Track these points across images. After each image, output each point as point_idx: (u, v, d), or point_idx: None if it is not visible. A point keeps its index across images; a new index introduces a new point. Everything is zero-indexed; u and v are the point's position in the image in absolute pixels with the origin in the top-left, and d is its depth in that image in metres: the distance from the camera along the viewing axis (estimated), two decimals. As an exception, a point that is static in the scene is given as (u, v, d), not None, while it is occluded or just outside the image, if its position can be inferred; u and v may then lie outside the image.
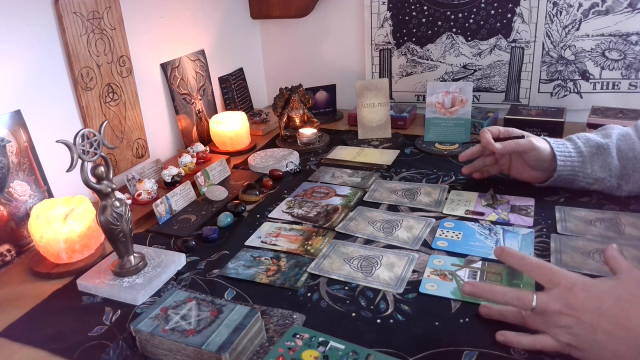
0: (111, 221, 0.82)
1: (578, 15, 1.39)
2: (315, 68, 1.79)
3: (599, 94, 1.45)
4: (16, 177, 0.97)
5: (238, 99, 1.71)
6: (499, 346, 0.67)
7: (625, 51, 1.38)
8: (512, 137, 1.05)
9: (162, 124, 1.40)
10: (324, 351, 0.66)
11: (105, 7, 1.15)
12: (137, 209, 1.09)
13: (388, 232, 0.96)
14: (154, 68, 1.35)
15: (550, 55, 1.46)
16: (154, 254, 0.92)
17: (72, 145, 0.77)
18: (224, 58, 1.65)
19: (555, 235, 0.92)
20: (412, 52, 1.62)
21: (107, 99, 1.19)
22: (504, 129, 1.08)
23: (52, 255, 0.91)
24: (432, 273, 0.83)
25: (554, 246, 0.88)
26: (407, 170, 1.25)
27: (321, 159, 1.36)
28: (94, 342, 0.74)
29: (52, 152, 0.98)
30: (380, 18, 1.62)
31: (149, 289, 0.83)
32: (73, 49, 1.09)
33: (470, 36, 1.53)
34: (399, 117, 1.53)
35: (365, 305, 0.77)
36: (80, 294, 0.85)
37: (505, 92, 1.55)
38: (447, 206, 1.05)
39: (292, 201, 1.12)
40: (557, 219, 0.97)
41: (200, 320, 0.69)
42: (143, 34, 1.30)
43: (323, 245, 0.94)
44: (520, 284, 0.79)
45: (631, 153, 0.98)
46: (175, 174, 1.19)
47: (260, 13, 1.75)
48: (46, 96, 1.07)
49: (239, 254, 0.93)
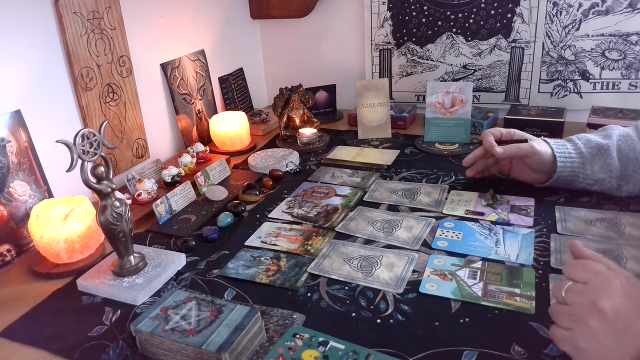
0: (111, 221, 0.82)
1: (578, 15, 1.39)
2: (315, 68, 1.79)
3: (599, 94, 1.45)
4: (16, 177, 0.97)
5: (238, 99, 1.71)
6: (499, 346, 0.67)
7: (625, 51, 1.38)
8: (514, 140, 1.05)
9: (162, 124, 1.40)
10: (324, 351, 0.66)
11: (105, 7, 1.15)
12: (137, 209, 1.09)
13: (388, 232, 0.96)
14: (154, 68, 1.35)
15: (550, 55, 1.46)
16: (154, 254, 0.92)
17: (72, 145, 0.77)
18: (224, 58, 1.65)
19: (555, 235, 0.92)
20: (412, 52, 1.62)
21: (107, 99, 1.19)
22: (506, 131, 1.08)
23: (52, 255, 0.91)
24: (432, 273, 0.83)
25: (553, 246, 0.88)
26: (407, 170, 1.25)
27: (321, 159, 1.36)
28: (94, 342, 0.74)
29: (52, 152, 0.98)
30: (380, 18, 1.62)
31: (149, 289, 0.83)
32: (73, 49, 1.09)
33: (470, 36, 1.53)
34: (399, 117, 1.53)
35: (365, 305, 0.77)
36: (80, 294, 0.85)
37: (505, 92, 1.55)
38: (447, 206, 1.05)
39: (292, 201, 1.12)
40: (557, 219, 0.97)
41: (200, 320, 0.69)
42: (143, 34, 1.30)
43: (323, 245, 0.94)
44: (520, 284, 0.79)
45: (632, 154, 0.98)
46: (175, 174, 1.19)
47: (260, 13, 1.75)
48: (46, 96, 1.07)
49: (239, 254, 0.93)
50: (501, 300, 0.76)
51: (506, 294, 0.77)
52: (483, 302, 0.76)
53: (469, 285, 0.80)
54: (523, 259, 0.85)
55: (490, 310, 0.74)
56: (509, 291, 0.77)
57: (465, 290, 0.78)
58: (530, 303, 0.75)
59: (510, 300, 0.75)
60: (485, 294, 0.77)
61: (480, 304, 0.75)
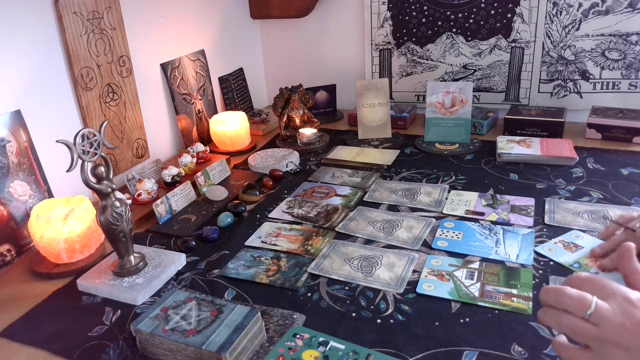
0: (111, 221, 0.82)
1: (578, 15, 1.39)
2: (315, 68, 1.79)
3: (599, 94, 1.45)
4: (16, 177, 0.97)
5: (238, 99, 1.71)
6: (499, 346, 0.67)
7: (625, 51, 1.38)
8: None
9: (162, 124, 1.40)
10: (324, 351, 0.66)
11: (105, 7, 1.15)
12: (137, 209, 1.09)
13: (388, 232, 0.96)
14: (154, 68, 1.35)
15: (550, 55, 1.46)
16: (154, 254, 0.92)
17: (72, 145, 0.77)
18: (224, 58, 1.65)
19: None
20: (412, 52, 1.62)
21: (107, 99, 1.19)
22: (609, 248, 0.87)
23: (52, 255, 0.91)
24: (430, 273, 0.83)
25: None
26: (407, 170, 1.25)
27: (321, 159, 1.36)
28: (94, 342, 0.74)
29: (52, 152, 0.98)
30: (380, 18, 1.62)
31: (149, 289, 0.83)
32: (73, 49, 1.09)
33: (470, 36, 1.53)
34: (399, 117, 1.53)
35: (366, 305, 0.77)
36: (80, 294, 0.85)
37: (505, 92, 1.55)
38: (447, 206, 1.05)
39: (292, 201, 1.12)
40: (545, 210, 1.00)
41: (200, 320, 0.69)
42: (143, 34, 1.30)
43: (323, 245, 0.94)
44: (518, 284, 0.79)
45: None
46: (175, 174, 1.19)
47: (260, 13, 1.75)
48: (46, 96, 1.07)
49: (239, 254, 0.93)
50: (498, 300, 0.76)
51: (503, 294, 0.77)
52: (480, 302, 0.76)
53: (467, 285, 0.79)
54: (523, 259, 0.85)
55: (491, 310, 0.74)
56: (506, 292, 0.77)
57: (463, 290, 0.78)
58: (527, 304, 0.75)
59: (508, 301, 0.75)
60: (483, 295, 0.77)
61: (478, 304, 0.75)
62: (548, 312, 0.55)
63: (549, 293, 0.55)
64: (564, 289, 0.54)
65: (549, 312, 0.55)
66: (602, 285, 0.54)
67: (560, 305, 0.54)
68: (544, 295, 0.55)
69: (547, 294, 0.55)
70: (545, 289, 0.56)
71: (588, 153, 1.25)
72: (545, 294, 0.55)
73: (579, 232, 0.91)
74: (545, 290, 0.56)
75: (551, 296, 0.55)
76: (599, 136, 1.33)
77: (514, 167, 1.21)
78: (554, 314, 0.55)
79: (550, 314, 0.55)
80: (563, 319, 0.53)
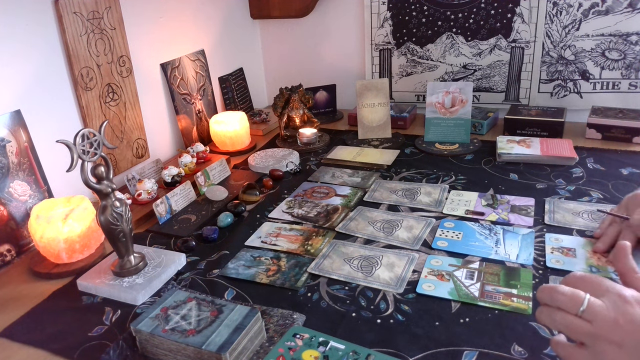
0: (111, 221, 0.82)
1: (578, 15, 1.39)
2: (315, 68, 1.79)
3: (599, 94, 1.45)
4: (16, 177, 0.97)
5: (238, 99, 1.71)
6: (499, 346, 0.67)
7: (625, 51, 1.38)
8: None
9: (162, 124, 1.40)
10: (324, 351, 0.66)
11: (105, 7, 1.15)
12: (137, 209, 1.09)
13: (388, 232, 0.96)
14: (154, 68, 1.35)
15: (550, 55, 1.46)
16: (154, 254, 0.92)
17: (72, 145, 0.77)
18: (224, 58, 1.65)
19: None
20: (412, 52, 1.62)
21: (107, 99, 1.19)
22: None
23: (52, 255, 0.91)
24: (430, 273, 0.83)
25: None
26: (407, 170, 1.25)
27: (321, 159, 1.36)
28: (94, 342, 0.74)
29: (52, 152, 0.98)
30: (380, 18, 1.62)
31: (149, 289, 0.83)
32: (73, 49, 1.09)
33: (470, 36, 1.53)
34: (399, 117, 1.53)
35: (366, 305, 0.77)
36: (80, 294, 0.85)
37: (505, 92, 1.55)
38: (447, 206, 1.05)
39: (292, 201, 1.12)
40: (545, 210, 0.99)
41: (200, 320, 0.69)
42: (143, 34, 1.30)
43: (323, 245, 0.94)
44: (518, 284, 0.79)
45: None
46: (175, 174, 1.19)
47: (260, 13, 1.75)
48: (46, 96, 1.07)
49: (239, 254, 0.93)
50: (498, 300, 0.76)
51: (503, 294, 0.77)
52: (480, 302, 0.76)
53: (466, 285, 0.80)
54: (523, 259, 0.85)
55: (491, 310, 0.74)
56: (506, 292, 0.77)
57: (462, 290, 0.78)
58: (527, 304, 0.75)
59: (507, 301, 0.75)
60: (482, 295, 0.77)
61: (478, 304, 0.75)
62: (544, 311, 0.56)
63: (544, 291, 0.56)
64: (557, 287, 0.55)
65: (544, 311, 0.56)
66: (597, 283, 0.55)
67: (554, 303, 0.55)
68: (540, 294, 0.57)
69: (543, 292, 0.56)
70: (541, 288, 0.57)
71: (588, 153, 1.25)
72: (540, 292, 0.57)
73: (558, 235, 0.91)
74: (541, 289, 0.57)
75: (546, 294, 0.56)
76: (599, 136, 1.33)
77: (514, 167, 1.21)
78: (548, 312, 0.56)
79: (546, 312, 0.56)
80: (557, 317, 0.54)
